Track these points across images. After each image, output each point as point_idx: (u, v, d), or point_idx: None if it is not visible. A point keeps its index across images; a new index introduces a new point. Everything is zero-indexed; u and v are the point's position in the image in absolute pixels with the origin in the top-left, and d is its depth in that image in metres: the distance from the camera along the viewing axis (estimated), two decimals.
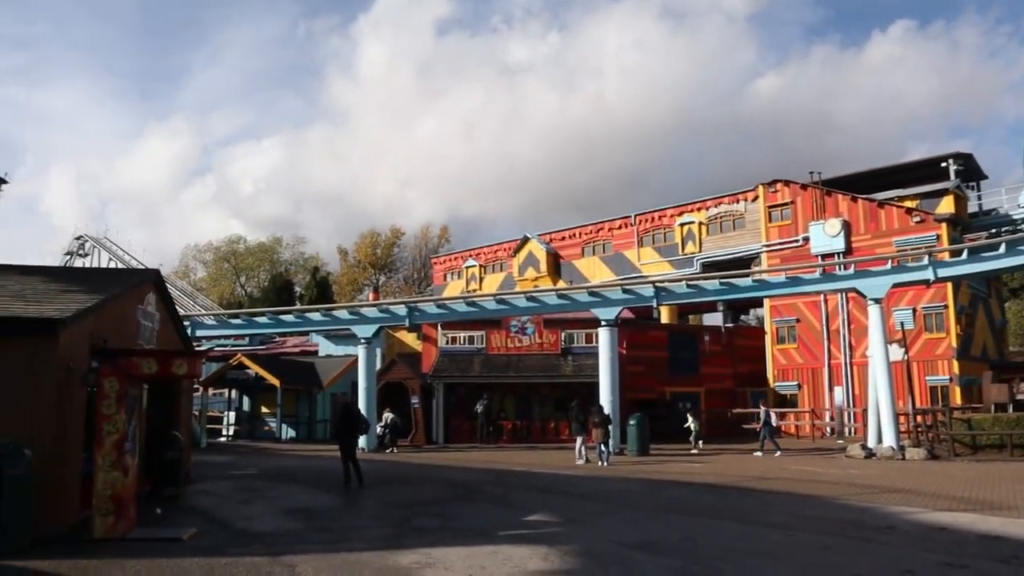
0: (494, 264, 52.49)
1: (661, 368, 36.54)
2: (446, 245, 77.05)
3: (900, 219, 35.33)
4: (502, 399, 34.40)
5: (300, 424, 36.93)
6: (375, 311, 29.68)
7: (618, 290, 27.52)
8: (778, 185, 39.26)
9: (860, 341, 35.55)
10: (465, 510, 12.45)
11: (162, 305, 15.81)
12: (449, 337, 34.50)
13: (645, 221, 44.62)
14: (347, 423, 16.21)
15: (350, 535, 10.23)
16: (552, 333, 34.30)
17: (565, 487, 15.83)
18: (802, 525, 10.60)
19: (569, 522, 11.12)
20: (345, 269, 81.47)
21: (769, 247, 38.93)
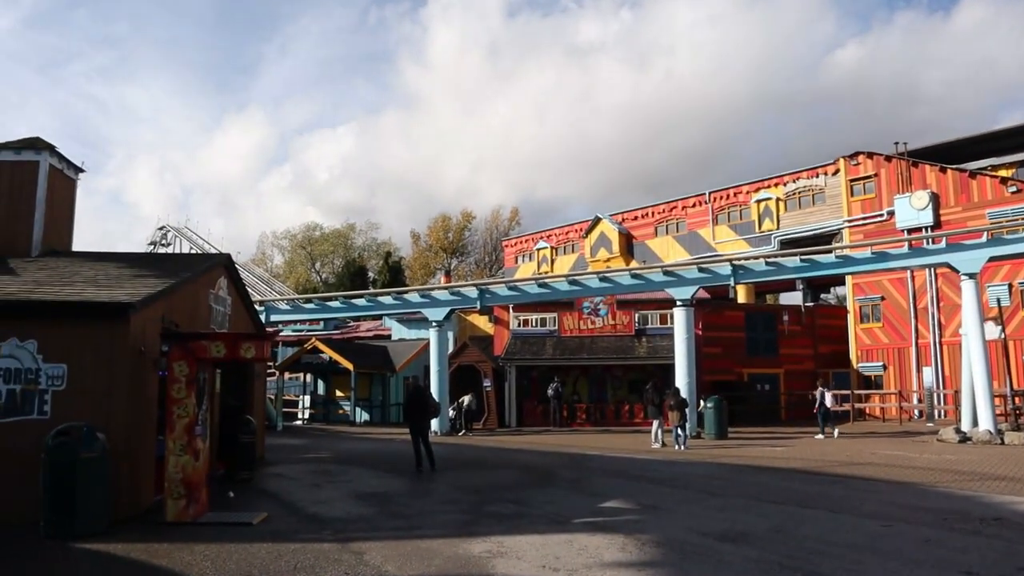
0: (565, 246, 51.91)
1: (738, 349, 35.58)
2: (517, 228, 76.76)
3: (994, 189, 33.53)
4: (575, 382, 34.00)
5: (373, 407, 37.20)
6: (446, 294, 29.48)
7: (693, 269, 26.70)
8: (860, 157, 37.68)
9: (950, 320, 34.01)
10: (539, 496, 12.05)
11: (234, 289, 15.79)
12: (521, 320, 34.17)
13: (720, 198, 43.45)
14: (417, 406, 15.98)
15: (421, 521, 9.92)
16: (625, 314, 33.66)
17: (642, 472, 15.30)
18: (900, 515, 9.90)
19: (647, 509, 10.62)
20: (417, 253, 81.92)
21: (851, 222, 37.44)
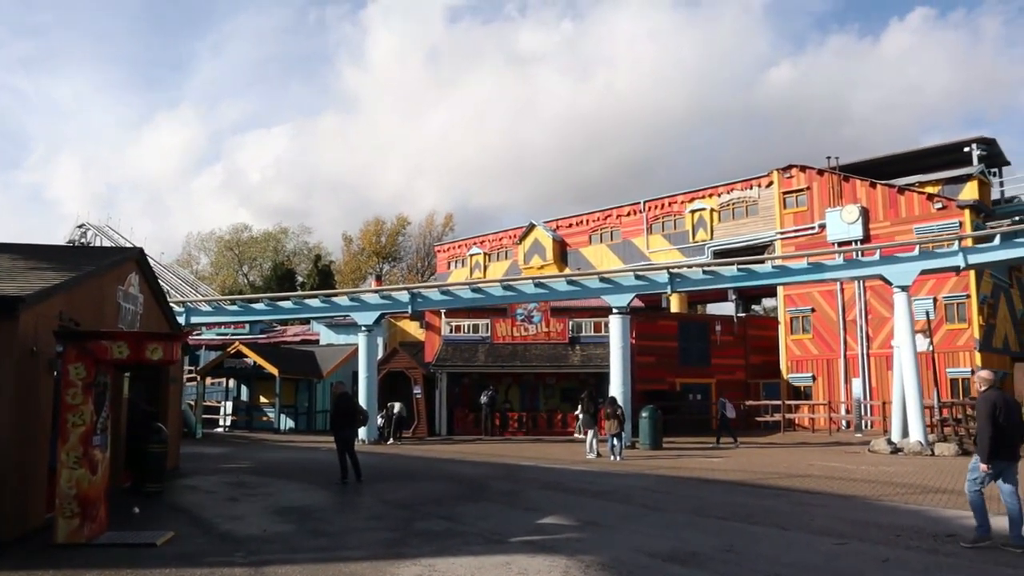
0: (499, 252, 51.30)
1: (671, 358, 35.41)
2: (450, 234, 75.92)
3: (921, 205, 34.10)
4: (507, 390, 33.38)
5: (299, 414, 35.98)
6: (376, 297, 28.52)
7: (630, 276, 26.33)
8: (793, 171, 37.99)
9: (878, 332, 34.44)
10: (472, 511, 11.31)
11: (147, 287, 14.67)
12: (453, 326, 33.43)
13: (655, 208, 43.38)
14: (344, 413, 15.08)
15: (344, 540, 9.09)
16: (559, 322, 33.19)
17: (579, 484, 14.68)
18: (852, 532, 9.45)
19: (588, 526, 9.98)
20: (348, 258, 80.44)
21: (783, 234, 37.70)
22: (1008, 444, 8.68)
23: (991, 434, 8.60)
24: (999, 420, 8.64)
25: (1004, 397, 8.90)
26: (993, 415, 8.65)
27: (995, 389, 9.00)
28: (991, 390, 8.95)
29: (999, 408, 8.70)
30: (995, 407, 8.69)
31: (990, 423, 8.63)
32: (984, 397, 8.92)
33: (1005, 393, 9.15)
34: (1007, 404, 8.80)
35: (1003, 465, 8.68)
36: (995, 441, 8.59)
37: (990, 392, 8.92)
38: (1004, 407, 8.73)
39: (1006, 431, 8.65)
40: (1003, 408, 8.71)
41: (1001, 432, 8.61)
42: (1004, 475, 8.71)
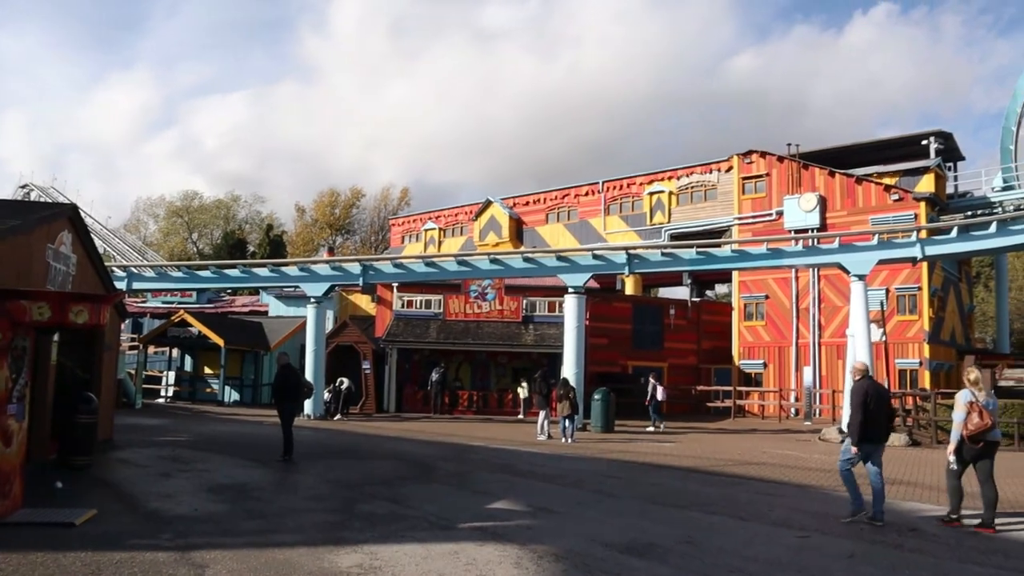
0: (454, 228, 50.57)
1: (624, 341, 35.20)
2: (406, 208, 74.88)
3: (878, 196, 34.19)
4: (458, 367, 32.86)
5: (245, 387, 35.06)
6: (327, 268, 27.70)
7: (588, 256, 25.95)
8: (753, 156, 37.85)
9: (830, 321, 34.57)
10: (420, 492, 10.79)
11: (81, 247, 13.80)
12: (405, 300, 32.75)
13: (613, 188, 43.00)
14: (286, 386, 14.42)
15: (281, 523, 8.50)
16: (513, 300, 32.71)
17: (531, 467, 14.24)
18: (813, 524, 9.14)
19: (541, 512, 9.51)
20: (301, 228, 78.99)
21: (741, 220, 37.58)
22: (876, 429, 9.40)
23: (861, 419, 9.28)
24: (870, 407, 9.30)
25: (875, 386, 9.66)
26: (864, 402, 9.31)
27: (868, 378, 9.71)
28: (864, 379, 9.66)
29: (870, 396, 9.37)
30: (867, 395, 9.36)
31: (861, 410, 9.30)
32: (857, 385, 9.62)
33: (877, 382, 9.96)
34: (878, 392, 9.55)
35: (871, 448, 9.37)
36: (864, 426, 9.28)
37: (863, 381, 9.63)
38: (875, 395, 9.44)
39: (875, 417, 9.34)
40: (874, 396, 9.41)
41: (870, 418, 9.29)
42: (871, 457, 9.37)
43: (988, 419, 9.10)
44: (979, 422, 9.08)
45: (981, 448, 9.26)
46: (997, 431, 9.45)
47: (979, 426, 9.08)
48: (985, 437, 9.20)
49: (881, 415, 9.44)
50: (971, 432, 9.13)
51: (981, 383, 9.38)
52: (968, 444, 9.24)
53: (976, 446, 9.23)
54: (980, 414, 9.10)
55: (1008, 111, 38.61)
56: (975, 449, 9.26)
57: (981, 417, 9.08)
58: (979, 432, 9.11)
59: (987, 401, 9.25)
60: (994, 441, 9.36)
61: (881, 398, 9.53)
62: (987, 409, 9.16)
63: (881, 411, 9.44)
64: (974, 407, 9.15)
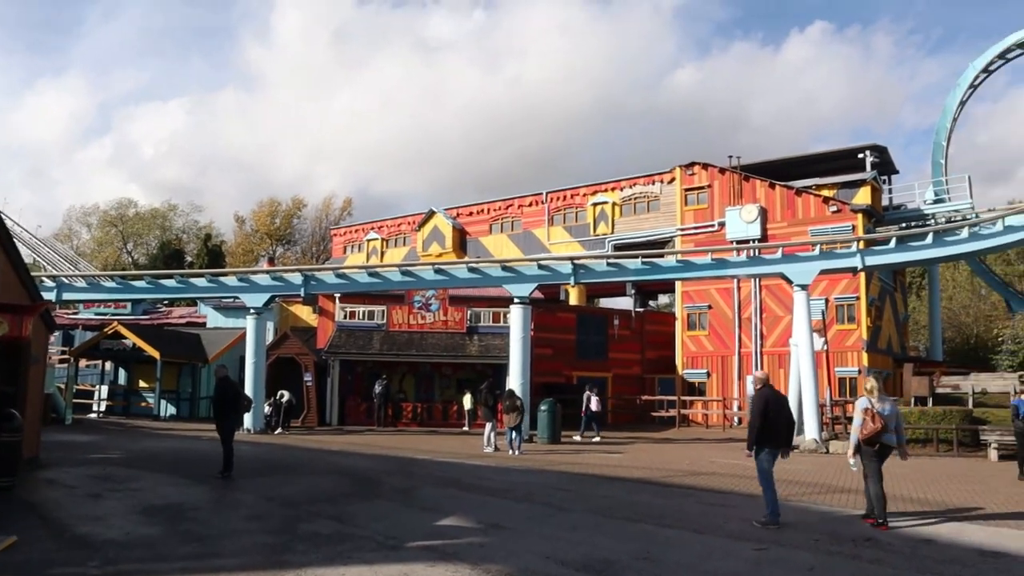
0: (397, 238, 50.04)
1: (569, 351, 35.14)
2: (348, 218, 74.02)
3: (817, 208, 34.76)
4: (402, 379, 32.37)
5: (182, 400, 34.08)
6: (267, 278, 27.02)
7: (533, 266, 25.77)
8: (696, 168, 38.20)
9: (771, 330, 34.98)
10: (364, 510, 10.40)
11: (3, 254, 13.11)
12: (347, 311, 32.17)
13: (557, 199, 42.98)
14: (225, 399, 13.86)
15: (220, 546, 8.05)
16: (457, 311, 32.37)
17: (479, 481, 13.92)
18: (769, 536, 9.00)
19: (492, 529, 9.21)
20: (241, 238, 77.42)
21: (684, 231, 37.88)
22: (776, 435, 9.91)
23: (759, 426, 9.80)
24: (769, 415, 9.79)
25: (775, 394, 10.11)
26: (764, 410, 9.81)
27: (768, 387, 10.15)
28: (764, 388, 10.13)
29: (770, 404, 9.86)
30: (767, 403, 9.85)
31: (760, 417, 9.81)
32: (758, 394, 10.09)
33: (777, 391, 10.32)
34: (777, 401, 10.04)
35: (772, 452, 9.92)
36: (763, 432, 9.81)
37: (764, 390, 10.10)
38: (775, 404, 9.93)
39: (775, 424, 9.86)
40: (774, 404, 9.90)
41: (770, 425, 9.81)
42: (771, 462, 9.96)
43: (880, 424, 9.71)
44: (873, 427, 9.74)
45: (876, 450, 9.89)
46: (891, 435, 9.94)
47: (872, 430, 9.74)
48: (879, 440, 9.83)
49: (780, 422, 9.93)
50: (866, 436, 9.80)
51: (876, 392, 10.01)
52: (864, 447, 9.91)
53: (872, 448, 9.87)
54: (874, 419, 9.75)
55: (939, 127, 39.68)
56: (871, 451, 9.89)
57: (875, 422, 9.73)
58: (873, 436, 9.77)
59: (882, 408, 9.87)
60: (888, 445, 9.95)
61: (780, 406, 10.04)
62: (882, 415, 9.78)
63: (780, 419, 9.94)
64: (869, 413, 9.80)
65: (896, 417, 10.14)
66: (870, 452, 9.90)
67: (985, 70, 38.16)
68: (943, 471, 16.66)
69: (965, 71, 38.65)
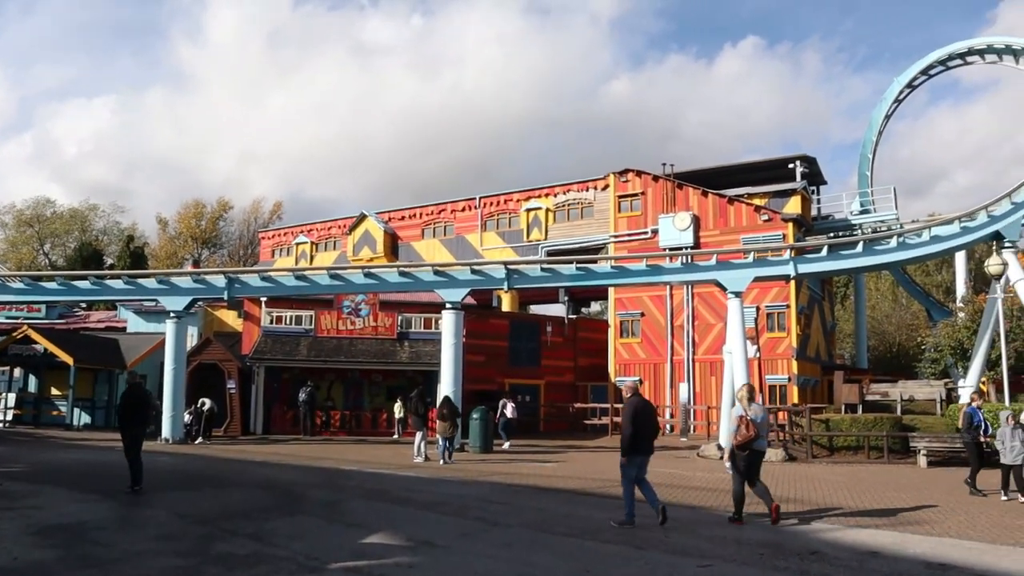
0: (327, 242, 48.92)
1: (501, 358, 34.67)
2: (278, 222, 72.23)
3: (748, 217, 34.99)
4: (330, 386, 31.46)
5: (97, 409, 32.56)
6: (189, 281, 25.91)
7: (467, 270, 25.25)
8: (629, 175, 38.16)
9: (703, 338, 35.05)
10: (286, 527, 9.72)
11: None
12: (274, 316, 31.16)
13: (490, 204, 42.52)
14: (134, 407, 12.90)
15: (121, 571, 7.30)
16: (388, 316, 31.64)
17: (408, 493, 13.32)
18: (714, 550, 8.63)
19: (422, 547, 8.64)
20: (164, 241, 74.90)
21: (617, 238, 37.76)
22: (645, 442, 10.28)
23: (631, 433, 10.11)
24: (639, 423, 10.12)
25: (644, 403, 10.48)
26: (634, 418, 10.13)
27: (637, 396, 10.50)
28: (633, 397, 10.48)
29: (639, 412, 10.20)
30: (636, 412, 10.18)
31: (631, 424, 10.12)
32: (628, 402, 10.44)
33: (645, 400, 10.72)
34: (646, 409, 10.39)
35: (640, 459, 10.26)
36: (634, 439, 10.10)
37: (633, 399, 10.45)
38: (643, 411, 10.28)
39: (644, 431, 10.20)
40: (642, 412, 10.25)
41: (640, 432, 10.14)
42: (641, 468, 10.29)
43: (753, 431, 10.29)
44: (746, 433, 10.31)
45: (748, 455, 10.43)
46: (763, 441, 10.60)
47: (745, 436, 10.31)
48: (751, 446, 10.41)
49: (648, 430, 10.30)
50: (739, 442, 10.37)
51: (749, 400, 10.63)
52: (737, 452, 10.46)
53: (744, 453, 10.41)
54: (747, 427, 10.31)
55: (865, 139, 40.54)
56: (743, 456, 10.42)
57: (748, 429, 10.30)
58: (746, 442, 10.34)
59: (755, 416, 10.45)
60: (759, 450, 10.58)
61: (648, 414, 10.40)
62: (755, 423, 10.37)
63: (648, 426, 10.31)
64: (743, 420, 10.38)
65: (767, 423, 10.78)
66: (742, 456, 10.41)
67: (909, 85, 39.03)
68: (877, 479, 16.66)
69: (891, 86, 39.53)
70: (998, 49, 33.11)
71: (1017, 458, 13.03)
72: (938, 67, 37.62)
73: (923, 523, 10.79)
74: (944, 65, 37.27)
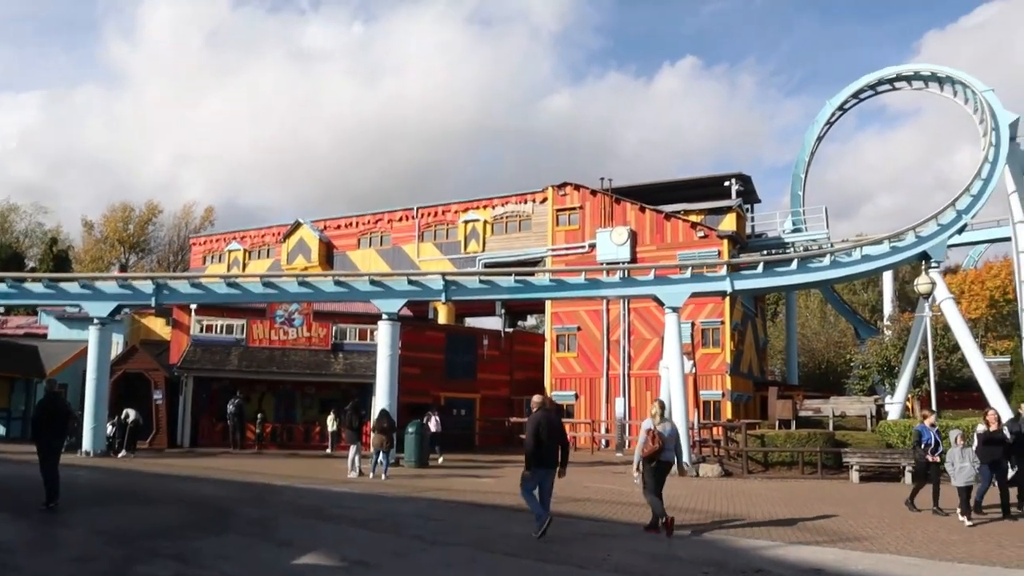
0: (261, 250, 47.92)
1: (437, 371, 34.28)
2: (210, 227, 70.54)
3: (685, 233, 35.36)
4: (262, 398, 30.65)
5: (13, 420, 31.23)
6: (114, 286, 24.93)
7: (403, 281, 24.86)
8: (568, 188, 38.27)
9: (639, 353, 35.23)
10: (213, 547, 9.25)
11: None
12: (204, 324, 30.27)
13: (428, 215, 42.19)
14: (50, 417, 12.20)
15: None
16: (322, 327, 31.02)
17: (342, 510, 12.89)
18: (656, 569, 8.48)
19: (357, 567, 8.30)
20: (90, 245, 72.43)
21: (555, 251, 37.79)
22: (548, 456, 10.44)
23: (533, 447, 10.33)
24: (541, 437, 10.33)
25: (548, 417, 10.57)
26: (537, 432, 10.34)
27: (542, 411, 10.67)
28: (539, 412, 10.66)
29: (542, 427, 10.38)
30: (539, 426, 10.38)
31: (533, 438, 10.33)
32: (532, 417, 10.66)
33: (550, 415, 10.75)
34: (549, 424, 10.51)
35: (543, 472, 10.47)
36: (537, 453, 10.33)
37: (537, 413, 10.65)
38: (547, 426, 10.44)
39: (547, 446, 10.38)
40: (545, 427, 10.42)
41: (542, 446, 10.34)
42: (544, 481, 10.52)
43: (659, 443, 10.89)
44: (652, 446, 10.90)
45: (654, 467, 11.05)
46: (669, 453, 11.17)
47: (652, 449, 10.91)
48: (658, 458, 11.02)
49: (553, 444, 10.44)
50: (646, 454, 10.97)
51: (658, 415, 11.18)
52: (645, 463, 11.05)
53: (651, 464, 11.03)
54: (655, 439, 10.90)
55: (798, 160, 41.43)
56: (650, 467, 11.04)
57: (655, 442, 10.89)
58: (653, 454, 10.95)
59: (662, 429, 11.03)
60: (666, 461, 11.18)
61: (553, 429, 10.51)
62: (662, 436, 10.95)
63: (553, 441, 10.45)
64: (651, 434, 10.95)
65: (675, 438, 11.33)
66: (650, 468, 11.02)
67: (840, 107, 39.96)
68: (813, 494, 16.79)
69: (823, 108, 40.43)
70: (924, 76, 34.09)
71: (968, 479, 12.66)
72: (868, 91, 38.57)
73: (863, 539, 10.82)
74: (873, 90, 38.22)
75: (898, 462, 19.59)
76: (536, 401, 11.00)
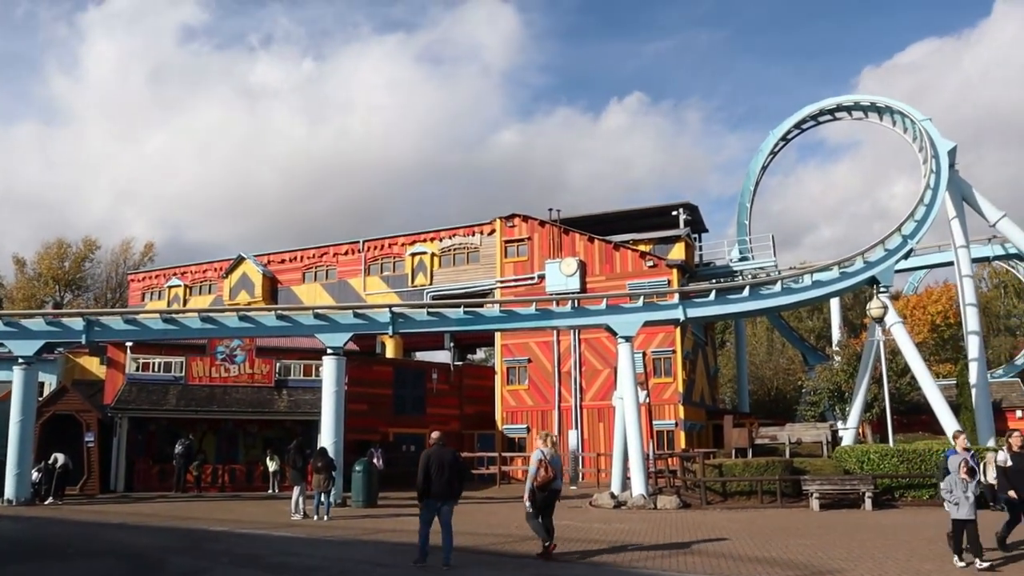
0: (202, 285, 46.61)
1: (385, 407, 33.44)
2: (149, 264, 68.59)
3: (634, 262, 35.21)
4: (203, 437, 29.43)
5: None
6: (41, 323, 23.73)
7: (349, 314, 24.11)
8: (516, 220, 37.93)
9: (590, 384, 34.81)
10: None
11: None
12: (140, 363, 28.99)
13: (374, 248, 41.49)
14: None
15: None
16: (265, 363, 29.97)
17: (284, 557, 12.06)
18: None
19: None
20: (22, 282, 69.85)
21: (504, 283, 37.36)
22: (438, 488, 10.95)
23: (422, 480, 10.94)
24: (431, 471, 10.92)
25: (440, 453, 11.16)
26: (427, 467, 10.95)
27: (437, 446, 11.26)
28: (433, 447, 11.27)
29: (432, 461, 10.99)
30: (428, 462, 10.99)
31: (421, 472, 10.96)
32: (424, 453, 11.26)
33: (443, 450, 11.30)
34: (440, 458, 11.06)
35: (438, 503, 10.99)
36: (426, 486, 10.93)
37: (431, 448, 11.29)
38: (436, 461, 11.02)
39: (436, 479, 10.92)
40: (435, 461, 11.00)
41: (431, 480, 10.91)
42: (441, 511, 11.04)
43: (551, 472, 11.70)
44: (544, 475, 11.67)
45: (547, 495, 11.80)
46: (559, 481, 12.04)
47: (544, 478, 11.68)
48: (550, 487, 11.79)
49: (444, 477, 10.95)
50: (539, 483, 11.67)
51: (549, 446, 12.02)
52: (538, 492, 11.68)
53: (544, 493, 11.73)
54: (546, 469, 11.68)
55: (743, 189, 41.76)
56: (543, 496, 11.74)
57: (546, 471, 11.67)
58: (545, 483, 11.70)
59: (553, 459, 11.88)
60: (556, 489, 12.02)
61: (443, 462, 11.04)
62: (552, 465, 11.76)
63: (443, 473, 10.96)
64: (542, 464, 11.66)
65: (559, 467, 12.15)
66: (542, 496, 11.73)
67: (783, 138, 40.36)
68: (776, 523, 16.36)
69: (767, 138, 40.81)
70: (864, 106, 34.61)
71: (970, 513, 10.93)
72: (810, 121, 39.03)
73: (835, 572, 10.36)
74: (815, 120, 38.68)
75: (857, 488, 19.34)
76: (434, 437, 11.55)
